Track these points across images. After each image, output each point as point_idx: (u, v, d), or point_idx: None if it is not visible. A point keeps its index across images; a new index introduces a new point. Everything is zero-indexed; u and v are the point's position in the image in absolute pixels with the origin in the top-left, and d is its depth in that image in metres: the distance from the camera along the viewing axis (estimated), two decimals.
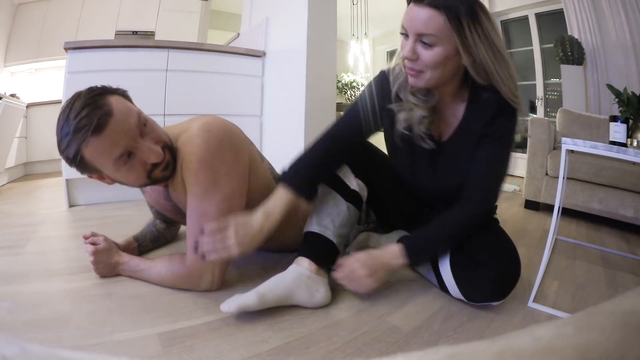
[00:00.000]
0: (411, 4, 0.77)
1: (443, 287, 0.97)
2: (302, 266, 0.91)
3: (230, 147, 0.93)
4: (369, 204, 1.15)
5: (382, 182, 1.05)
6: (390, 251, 0.90)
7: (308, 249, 0.95)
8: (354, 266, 0.88)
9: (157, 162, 0.87)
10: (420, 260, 0.98)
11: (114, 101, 0.82)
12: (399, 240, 0.92)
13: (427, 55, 0.77)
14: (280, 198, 0.90)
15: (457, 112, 0.90)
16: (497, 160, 0.87)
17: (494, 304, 0.92)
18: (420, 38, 0.76)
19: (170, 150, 0.92)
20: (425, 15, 0.73)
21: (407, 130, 0.91)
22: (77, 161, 0.81)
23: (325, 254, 0.94)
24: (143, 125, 0.85)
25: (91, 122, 0.76)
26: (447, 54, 0.76)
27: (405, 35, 0.79)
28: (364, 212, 1.28)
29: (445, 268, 0.94)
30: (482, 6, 0.76)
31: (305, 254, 0.94)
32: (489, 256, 0.89)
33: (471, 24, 0.74)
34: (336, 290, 1.00)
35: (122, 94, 0.89)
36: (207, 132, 0.90)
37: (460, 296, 0.93)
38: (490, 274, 0.87)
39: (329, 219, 0.96)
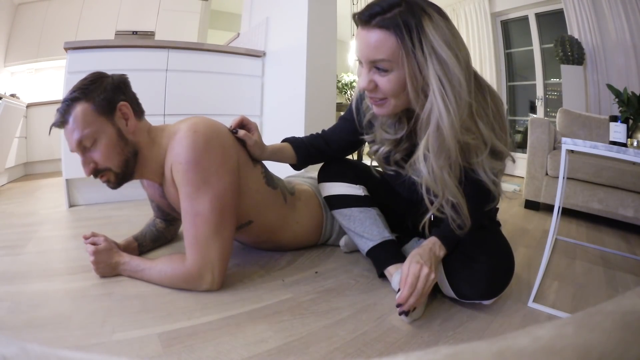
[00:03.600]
0: (359, 29, 0.69)
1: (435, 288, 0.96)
2: (398, 272, 0.93)
3: (219, 146, 0.94)
4: None
5: (370, 182, 1.13)
6: (431, 244, 0.86)
7: (385, 259, 1.01)
8: (411, 282, 0.79)
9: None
10: (455, 244, 0.89)
11: (77, 113, 0.90)
12: (432, 234, 0.90)
13: (385, 82, 0.70)
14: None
15: None
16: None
17: (485, 302, 0.91)
18: (374, 65, 0.69)
19: (119, 176, 0.97)
20: (375, 39, 0.66)
21: (385, 160, 0.92)
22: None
23: (397, 251, 1.02)
24: (85, 146, 0.92)
25: (57, 119, 0.92)
26: (411, 78, 0.68)
27: (361, 62, 0.73)
28: None
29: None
30: (435, 19, 0.66)
31: (387, 264, 0.99)
32: (483, 252, 0.88)
33: (420, 45, 0.64)
34: (337, 289, 1.00)
35: (99, 105, 0.92)
36: (194, 133, 0.92)
37: (451, 293, 0.92)
38: (483, 269, 0.86)
39: (373, 227, 1.03)
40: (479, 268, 0.87)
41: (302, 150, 1.12)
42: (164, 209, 1.18)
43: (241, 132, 1.03)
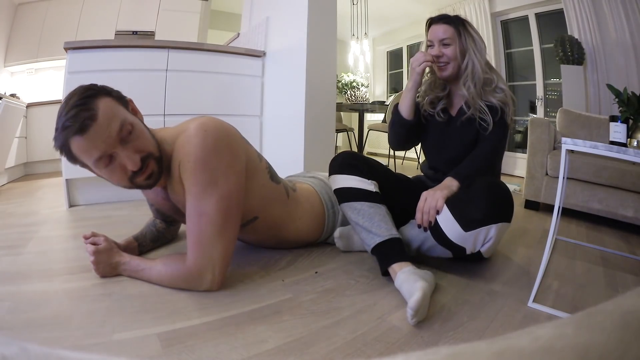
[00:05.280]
0: (433, 25, 1.21)
1: (438, 234, 1.02)
2: (402, 270, 0.97)
3: (227, 147, 0.94)
4: None
5: (384, 179, 1.20)
6: (444, 181, 1.12)
7: (391, 256, 1.03)
8: (425, 205, 1.05)
9: (137, 170, 0.88)
10: (466, 178, 1.12)
11: (103, 105, 0.84)
12: (455, 176, 1.13)
13: (448, 51, 1.18)
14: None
15: (461, 98, 1.24)
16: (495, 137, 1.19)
17: (494, 227, 0.97)
18: (442, 42, 1.18)
19: (158, 160, 0.93)
20: (443, 28, 1.18)
21: (431, 108, 1.27)
22: (65, 153, 0.85)
23: (402, 250, 1.04)
24: (128, 133, 0.87)
25: (75, 124, 0.81)
26: (460, 50, 1.18)
27: (430, 46, 1.21)
28: None
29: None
30: (470, 24, 1.21)
31: (392, 261, 1.02)
32: (480, 180, 1.05)
33: (465, 34, 1.18)
34: (337, 290, 1.00)
35: (117, 97, 0.90)
36: (204, 132, 0.91)
37: (457, 228, 0.98)
38: (481, 186, 1.01)
39: (382, 223, 1.06)
40: (477, 187, 1.02)
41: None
42: (165, 213, 1.17)
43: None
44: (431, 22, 1.22)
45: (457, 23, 1.18)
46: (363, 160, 1.18)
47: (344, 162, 1.16)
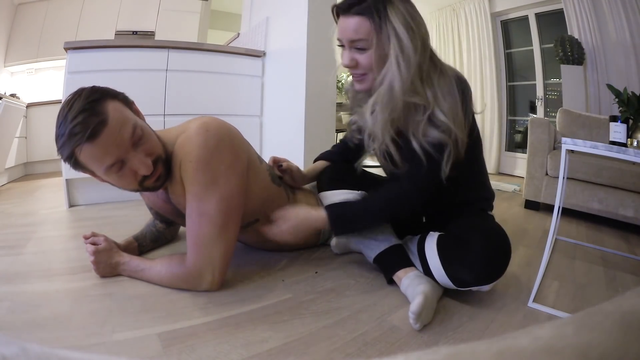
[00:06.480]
0: (341, 17, 0.84)
1: (428, 272, 0.95)
2: (407, 276, 0.96)
3: (229, 147, 0.94)
4: None
5: (373, 187, 1.07)
6: (318, 217, 0.96)
7: (394, 265, 1.00)
8: (282, 229, 0.99)
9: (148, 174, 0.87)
10: (345, 229, 1.00)
11: (111, 109, 0.82)
12: (328, 207, 0.98)
13: (363, 59, 0.83)
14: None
15: None
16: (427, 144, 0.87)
17: (484, 288, 0.88)
18: (354, 45, 0.83)
19: (165, 162, 0.92)
20: (355, 22, 0.81)
21: (360, 135, 0.98)
22: (72, 161, 0.83)
23: (404, 256, 1.01)
24: (138, 137, 0.85)
25: (85, 130, 0.77)
26: (381, 54, 0.82)
27: (342, 46, 0.87)
28: None
29: (431, 249, 0.93)
30: (397, 5, 0.80)
31: (395, 269, 0.99)
32: (478, 235, 0.88)
33: (387, 27, 0.79)
34: (337, 289, 1.00)
35: (123, 99, 0.88)
36: (206, 132, 0.91)
37: (446, 280, 0.90)
38: (478, 249, 0.85)
39: (379, 233, 1.03)
40: (474, 248, 0.85)
41: (337, 159, 1.18)
42: (165, 215, 1.17)
43: (285, 164, 1.14)
44: (337, 11, 0.85)
45: (376, 10, 0.79)
46: (346, 171, 1.13)
47: (331, 177, 1.14)
